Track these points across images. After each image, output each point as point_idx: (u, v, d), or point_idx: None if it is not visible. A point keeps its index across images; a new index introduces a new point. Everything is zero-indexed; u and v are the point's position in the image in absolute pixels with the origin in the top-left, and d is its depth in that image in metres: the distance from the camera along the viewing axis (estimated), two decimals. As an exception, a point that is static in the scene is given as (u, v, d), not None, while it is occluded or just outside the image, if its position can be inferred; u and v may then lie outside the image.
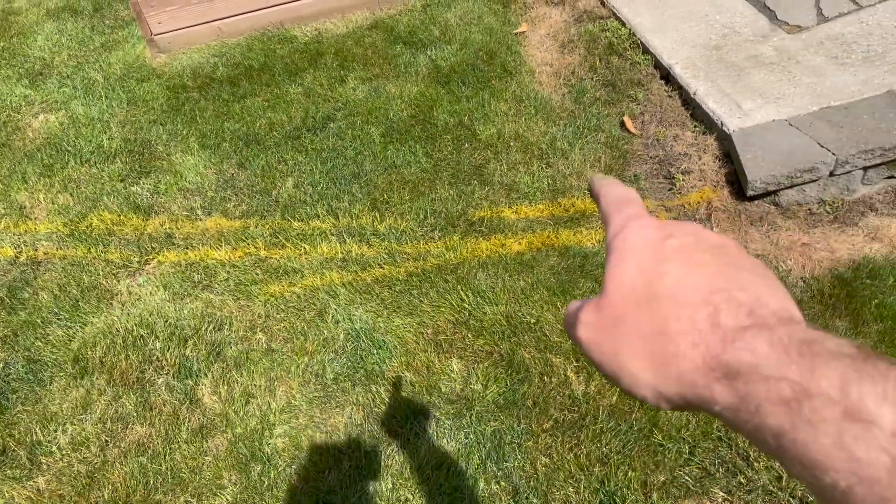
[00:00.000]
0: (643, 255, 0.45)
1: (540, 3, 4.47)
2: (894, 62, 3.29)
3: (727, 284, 0.41)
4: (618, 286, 0.45)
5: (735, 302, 0.40)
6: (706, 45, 3.68)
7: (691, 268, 0.43)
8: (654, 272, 0.44)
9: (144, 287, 3.11)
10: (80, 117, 4.14)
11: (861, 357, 0.34)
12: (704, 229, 0.47)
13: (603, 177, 0.57)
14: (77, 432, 2.59)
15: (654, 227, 0.47)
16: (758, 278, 0.43)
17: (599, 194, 0.55)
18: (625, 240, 0.47)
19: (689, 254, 0.44)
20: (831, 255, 2.86)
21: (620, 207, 0.51)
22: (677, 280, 0.42)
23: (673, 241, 0.45)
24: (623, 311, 0.44)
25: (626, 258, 0.46)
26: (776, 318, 0.39)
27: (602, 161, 3.37)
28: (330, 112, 3.92)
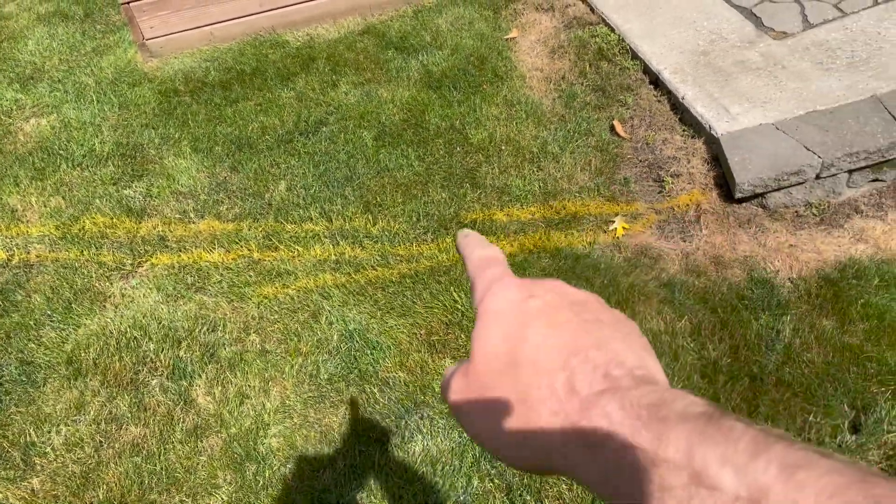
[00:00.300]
0: (506, 320, 0.45)
1: (530, 9, 4.52)
2: (878, 68, 3.35)
3: (585, 344, 0.41)
4: (483, 353, 0.45)
5: (591, 364, 0.40)
6: (694, 51, 3.74)
7: (552, 329, 0.43)
8: (516, 337, 0.44)
9: (137, 289, 3.11)
10: (71, 121, 4.14)
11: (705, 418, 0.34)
12: (566, 285, 0.48)
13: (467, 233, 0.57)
14: (71, 433, 2.59)
15: (517, 288, 0.47)
16: (616, 333, 0.43)
17: (464, 255, 0.55)
18: (488, 304, 0.47)
19: (550, 314, 0.44)
20: (818, 256, 2.91)
21: (484, 269, 0.51)
22: (538, 344, 0.42)
23: (535, 302, 0.45)
24: (488, 379, 0.44)
25: (490, 323, 0.46)
26: (631, 379, 0.39)
27: (592, 164, 3.41)
28: (322, 116, 3.94)
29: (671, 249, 3.01)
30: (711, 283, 2.84)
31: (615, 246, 3.05)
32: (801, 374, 2.49)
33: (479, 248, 0.54)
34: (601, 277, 2.90)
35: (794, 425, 2.36)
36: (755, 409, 2.41)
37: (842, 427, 2.34)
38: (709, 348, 2.60)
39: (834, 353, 2.54)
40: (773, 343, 2.59)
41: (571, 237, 3.11)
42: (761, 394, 2.45)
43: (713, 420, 0.34)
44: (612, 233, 3.10)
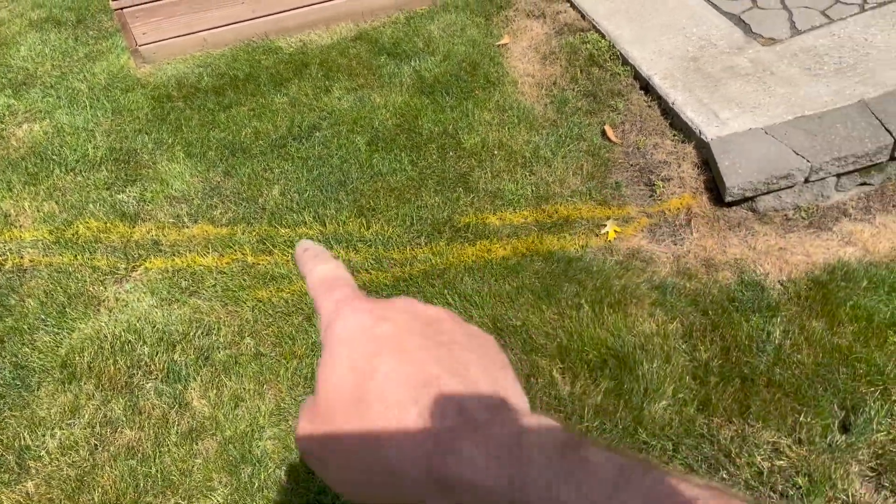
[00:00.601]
0: (354, 348, 0.41)
1: (521, 15, 4.56)
2: (865, 73, 3.40)
3: (438, 371, 0.39)
4: (327, 388, 0.41)
5: (444, 396, 0.37)
6: (684, 57, 3.78)
7: (402, 355, 0.40)
8: (364, 368, 0.40)
9: (132, 293, 3.12)
10: (64, 126, 4.15)
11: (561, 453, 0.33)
12: (418, 303, 0.44)
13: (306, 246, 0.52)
14: (66, 437, 2.59)
15: (366, 312, 0.43)
16: (472, 355, 0.41)
17: (303, 272, 0.50)
18: (334, 331, 0.43)
19: (401, 339, 0.41)
20: (807, 258, 2.95)
21: (329, 290, 0.47)
22: (387, 375, 0.39)
23: (385, 327, 0.42)
24: (335, 417, 0.40)
25: (335, 353, 0.42)
26: (486, 410, 0.37)
27: (584, 169, 3.44)
28: (315, 121, 3.96)
29: (662, 252, 3.04)
30: (702, 285, 2.87)
31: (607, 249, 3.08)
32: (791, 374, 2.52)
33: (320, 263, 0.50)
34: (593, 280, 2.92)
35: (784, 426, 2.39)
36: (746, 409, 2.44)
37: (832, 427, 2.37)
38: (700, 350, 2.63)
39: (824, 354, 2.57)
40: (764, 344, 2.63)
41: (564, 241, 3.14)
42: (752, 395, 2.48)
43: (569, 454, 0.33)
44: (604, 236, 3.13)
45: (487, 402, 0.38)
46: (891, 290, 2.75)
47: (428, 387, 0.38)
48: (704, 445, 2.37)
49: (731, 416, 2.43)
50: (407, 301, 0.44)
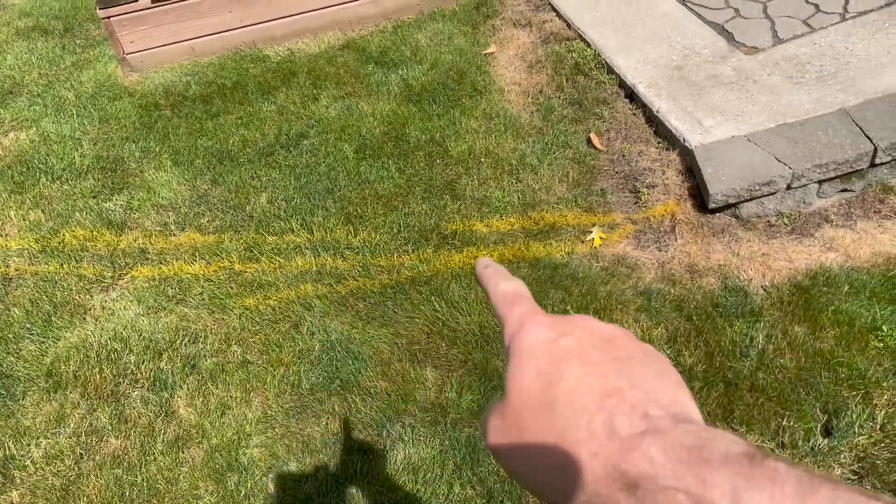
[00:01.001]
0: (540, 359, 0.45)
1: (508, 24, 4.59)
2: (846, 81, 3.45)
3: (620, 383, 0.42)
4: (518, 392, 0.45)
5: (628, 404, 0.40)
6: (668, 66, 3.82)
7: (585, 368, 0.43)
8: (551, 376, 0.43)
9: (118, 302, 3.11)
10: (51, 135, 4.14)
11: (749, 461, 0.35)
12: (594, 320, 0.48)
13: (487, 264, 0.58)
14: (51, 446, 2.58)
15: (548, 326, 0.47)
16: (649, 371, 0.43)
17: (488, 288, 0.55)
18: (520, 342, 0.47)
19: (582, 352, 0.44)
20: (790, 264, 2.98)
21: (513, 305, 0.51)
22: (573, 384, 0.42)
23: (567, 341, 0.45)
24: (524, 419, 0.44)
25: (524, 363, 0.46)
26: (669, 419, 0.39)
27: (570, 176, 3.47)
28: (303, 129, 3.97)
29: (647, 259, 3.07)
30: (686, 291, 2.90)
31: (593, 256, 3.10)
32: (774, 379, 2.54)
33: (502, 280, 0.55)
34: (579, 286, 2.94)
35: (768, 429, 2.41)
36: (730, 414, 2.46)
37: (814, 430, 2.39)
38: (685, 355, 2.65)
39: (806, 359, 2.60)
40: (747, 349, 2.65)
41: (550, 247, 3.16)
42: (736, 399, 2.50)
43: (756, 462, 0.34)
44: (590, 243, 3.15)
45: (669, 412, 0.40)
46: (871, 296, 2.78)
47: (612, 396, 0.41)
48: (689, 450, 2.38)
49: (716, 420, 2.45)
50: (585, 318, 0.48)
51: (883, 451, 2.30)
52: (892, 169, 3.21)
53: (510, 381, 0.46)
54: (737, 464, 0.34)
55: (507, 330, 0.50)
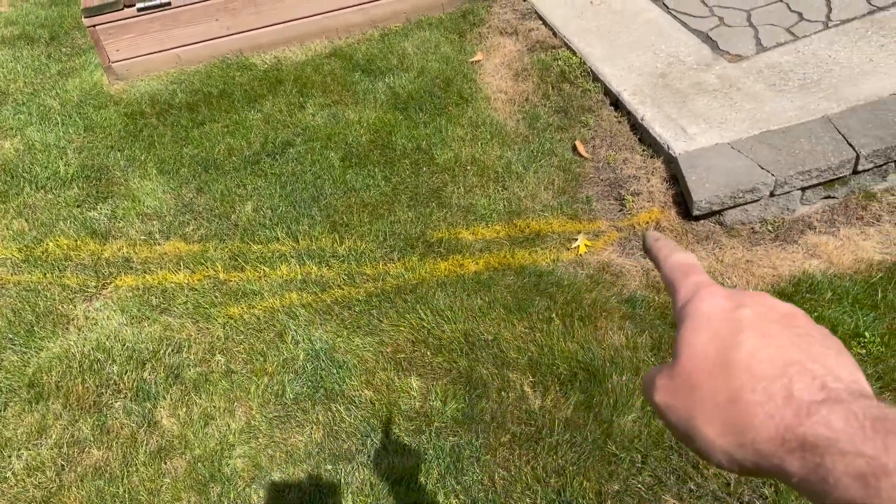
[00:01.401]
0: (717, 325, 0.47)
1: (494, 33, 4.61)
2: (829, 89, 3.47)
3: (799, 356, 0.43)
4: (692, 354, 0.46)
5: (809, 375, 0.41)
6: (653, 73, 3.84)
7: (764, 339, 0.44)
8: (728, 341, 0.45)
9: (101, 311, 3.10)
10: (35, 144, 4.12)
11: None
12: (772, 297, 0.49)
13: (657, 236, 0.61)
14: (32, 457, 2.56)
15: (725, 297, 0.49)
16: (827, 350, 0.44)
17: (658, 258, 0.58)
18: (696, 307, 0.49)
19: (761, 324, 0.46)
20: (773, 271, 2.99)
21: (687, 274, 0.54)
22: (751, 351, 0.44)
23: (745, 311, 0.47)
24: (697, 379, 0.45)
25: (699, 327, 0.47)
26: (848, 393, 0.40)
27: (555, 184, 3.47)
28: (289, 137, 3.97)
29: (632, 266, 3.07)
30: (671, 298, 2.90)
31: (578, 263, 3.11)
32: (757, 385, 2.54)
33: (675, 252, 0.57)
34: (564, 294, 2.95)
35: (751, 436, 2.41)
36: (714, 420, 2.46)
37: (797, 437, 2.40)
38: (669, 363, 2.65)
39: (789, 365, 2.60)
40: (731, 356, 2.65)
41: (535, 255, 3.16)
42: (720, 406, 2.50)
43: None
44: (575, 250, 3.16)
45: (848, 386, 0.41)
46: (854, 302, 2.80)
47: (792, 366, 0.42)
48: (673, 457, 2.39)
49: (699, 427, 2.45)
50: (761, 294, 0.49)
51: (865, 458, 2.30)
52: (875, 176, 3.23)
53: (683, 343, 0.47)
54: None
55: (679, 295, 0.52)
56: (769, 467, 0.41)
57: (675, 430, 0.47)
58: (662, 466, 2.36)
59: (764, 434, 0.41)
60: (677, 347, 0.48)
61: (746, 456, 0.42)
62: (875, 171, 3.21)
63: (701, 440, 0.45)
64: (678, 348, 0.48)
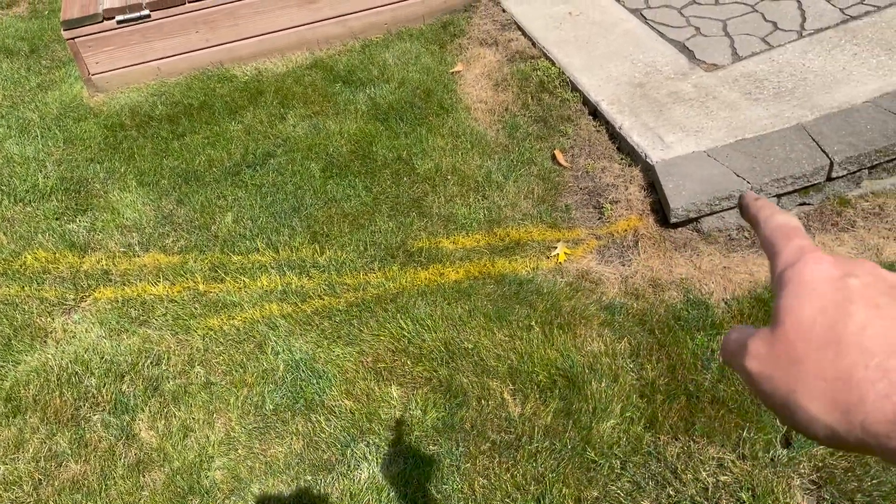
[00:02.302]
0: (824, 294, 0.44)
1: (475, 43, 4.64)
2: (803, 97, 3.53)
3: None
4: (797, 323, 0.44)
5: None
6: (631, 83, 3.88)
7: (875, 311, 0.42)
8: (837, 313, 0.43)
9: (80, 324, 3.08)
10: (14, 156, 4.10)
11: None
12: (880, 268, 0.47)
13: (757, 197, 0.57)
14: (9, 472, 2.54)
15: (832, 264, 0.46)
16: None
17: (758, 218, 0.55)
18: (801, 273, 0.46)
19: (871, 296, 0.43)
20: (750, 277, 3.02)
21: (789, 237, 0.50)
22: (862, 325, 0.42)
23: (854, 281, 0.44)
24: (802, 350, 0.43)
25: (805, 294, 0.45)
26: None
27: (535, 192, 3.50)
28: (270, 148, 3.97)
29: (611, 273, 3.10)
30: (649, 305, 2.93)
31: (557, 271, 3.13)
32: (735, 391, 2.57)
33: (778, 213, 0.54)
34: (544, 301, 2.96)
35: (728, 441, 2.43)
36: (692, 426, 2.48)
37: (774, 442, 2.42)
38: (647, 368, 2.68)
39: (766, 370, 2.62)
40: (709, 362, 2.68)
41: (515, 263, 3.18)
42: (697, 411, 2.52)
43: None
44: (555, 258, 3.17)
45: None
46: (829, 307, 2.83)
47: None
48: (652, 462, 2.40)
49: (677, 433, 2.47)
50: (870, 264, 0.47)
51: (841, 461, 2.33)
52: (849, 182, 3.28)
53: (785, 312, 0.45)
54: None
55: (781, 258, 0.49)
56: (878, 447, 0.40)
57: (769, 400, 0.45)
58: (641, 472, 2.38)
59: (878, 415, 0.39)
60: (778, 314, 0.45)
61: (853, 434, 0.40)
62: (849, 177, 3.25)
63: (803, 414, 0.43)
64: (779, 315, 0.45)
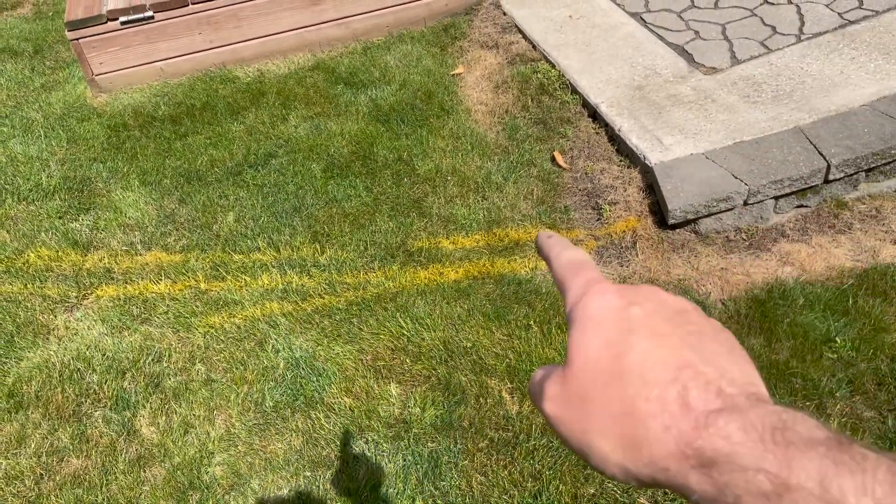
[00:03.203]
0: (607, 327, 0.43)
1: (475, 46, 4.67)
2: (801, 100, 3.55)
3: (692, 358, 0.40)
4: (584, 360, 0.43)
5: (703, 379, 0.39)
6: (630, 86, 3.91)
7: (656, 340, 0.42)
8: (620, 346, 0.42)
9: (82, 321, 3.10)
10: (18, 156, 4.13)
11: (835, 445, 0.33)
12: (663, 292, 0.47)
13: (550, 234, 0.57)
14: (11, 466, 2.56)
15: (616, 294, 0.46)
16: (720, 347, 0.43)
17: (550, 256, 0.54)
18: (586, 308, 0.45)
19: (652, 323, 0.43)
20: (747, 278, 3.05)
21: (577, 272, 0.50)
22: (644, 355, 0.41)
23: (636, 310, 0.44)
24: (590, 388, 0.42)
25: (590, 329, 0.44)
26: (745, 398, 0.38)
27: (534, 194, 3.52)
28: (272, 149, 4.00)
29: (609, 274, 3.12)
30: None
31: (556, 271, 3.14)
32: (731, 390, 2.59)
33: (566, 249, 0.53)
34: (543, 301, 2.98)
35: (725, 439, 2.45)
36: (688, 424, 2.50)
37: (770, 440, 2.44)
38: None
39: (762, 370, 2.64)
40: (705, 361, 2.70)
41: (515, 263, 3.20)
42: (694, 410, 2.54)
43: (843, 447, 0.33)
44: (553, 259, 3.19)
45: (743, 389, 0.39)
46: (826, 308, 2.85)
47: (685, 370, 0.40)
48: (648, 461, 2.42)
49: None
50: (653, 289, 0.47)
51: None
52: (846, 185, 3.30)
53: (574, 349, 0.44)
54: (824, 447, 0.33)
55: (569, 296, 0.48)
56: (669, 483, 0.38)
57: (568, 443, 0.44)
58: (637, 470, 2.39)
59: (662, 449, 0.38)
60: (569, 353, 0.44)
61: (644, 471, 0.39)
62: (846, 180, 3.28)
63: (596, 454, 0.42)
64: (570, 354, 0.44)
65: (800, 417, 0.36)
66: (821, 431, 0.35)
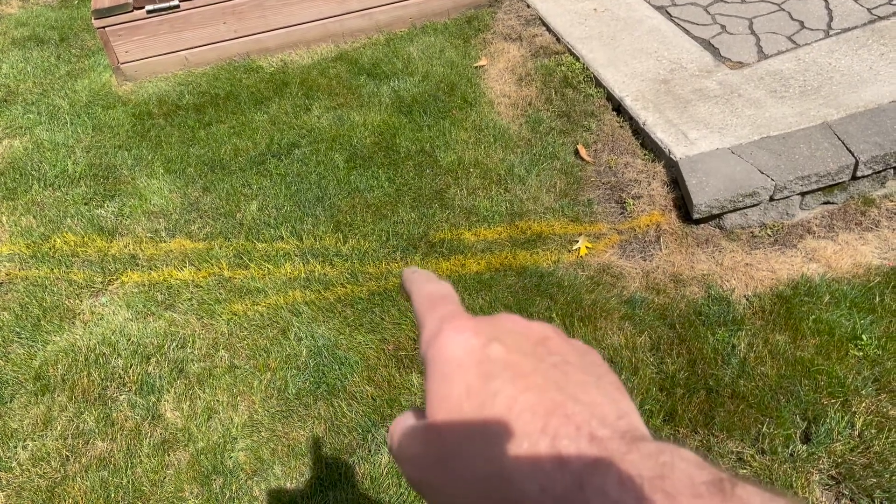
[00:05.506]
0: (467, 372, 0.39)
1: (499, 38, 4.66)
2: (829, 96, 3.51)
3: (560, 398, 0.37)
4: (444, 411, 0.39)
5: (573, 425, 0.35)
6: (655, 79, 3.88)
7: (520, 382, 0.38)
8: (482, 394, 0.38)
9: (107, 307, 3.13)
10: (44, 142, 4.17)
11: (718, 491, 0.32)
12: (521, 319, 0.43)
13: (414, 269, 0.53)
14: (37, 448, 2.60)
15: (472, 333, 0.41)
16: (587, 377, 0.39)
17: (411, 291, 0.50)
18: (441, 350, 0.41)
19: (514, 362, 0.39)
20: (772, 274, 3.02)
21: (434, 306, 0.45)
22: (508, 403, 0.37)
23: (496, 348, 0.40)
24: (453, 444, 0.38)
25: (448, 374, 0.39)
26: (619, 440, 0.35)
27: (557, 187, 3.51)
28: (295, 139, 4.02)
29: (632, 268, 3.11)
30: (670, 300, 2.93)
31: (579, 265, 3.14)
32: (755, 386, 2.58)
33: (427, 283, 0.49)
34: (565, 295, 2.98)
35: (748, 436, 2.44)
36: (711, 420, 2.49)
37: (794, 437, 2.42)
38: (667, 362, 2.69)
39: (786, 367, 2.63)
40: (729, 357, 2.69)
41: (537, 256, 3.20)
42: (717, 406, 2.53)
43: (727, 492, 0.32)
44: (576, 252, 3.19)
45: (616, 428, 0.36)
46: (852, 306, 2.82)
47: (553, 415, 0.36)
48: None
49: (697, 426, 2.48)
50: (510, 318, 0.43)
51: (860, 457, 2.33)
52: (874, 182, 3.27)
53: (434, 401, 0.39)
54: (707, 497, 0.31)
55: (424, 333, 0.43)
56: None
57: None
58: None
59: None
60: (428, 405, 0.40)
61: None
62: (874, 177, 3.24)
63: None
64: (429, 406, 0.39)
65: (678, 458, 0.33)
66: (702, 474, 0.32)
